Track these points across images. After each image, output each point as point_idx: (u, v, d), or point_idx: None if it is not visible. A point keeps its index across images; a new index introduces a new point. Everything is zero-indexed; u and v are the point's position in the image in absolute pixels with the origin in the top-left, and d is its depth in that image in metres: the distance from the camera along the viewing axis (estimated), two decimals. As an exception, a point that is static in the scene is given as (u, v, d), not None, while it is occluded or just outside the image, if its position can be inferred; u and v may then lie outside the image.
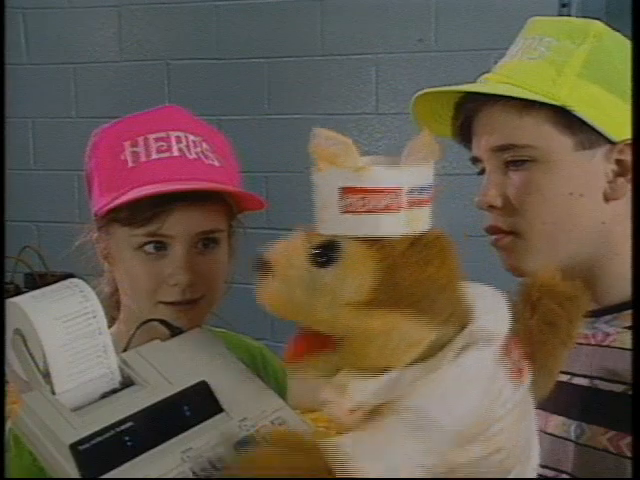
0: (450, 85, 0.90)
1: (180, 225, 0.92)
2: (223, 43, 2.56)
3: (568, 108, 0.84)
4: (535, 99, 0.84)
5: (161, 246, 0.93)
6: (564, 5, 2.24)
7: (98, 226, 0.98)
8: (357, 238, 0.65)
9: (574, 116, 0.84)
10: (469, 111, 0.90)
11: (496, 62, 0.92)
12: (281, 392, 0.79)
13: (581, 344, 0.89)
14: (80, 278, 0.75)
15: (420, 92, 0.91)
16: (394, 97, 2.43)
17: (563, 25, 0.90)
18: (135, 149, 0.94)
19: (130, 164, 0.94)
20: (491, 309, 0.70)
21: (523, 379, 0.70)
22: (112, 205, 0.92)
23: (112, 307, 1.01)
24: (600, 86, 0.85)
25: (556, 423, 0.89)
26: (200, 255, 0.94)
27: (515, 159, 0.86)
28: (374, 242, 0.64)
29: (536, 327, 0.73)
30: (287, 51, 2.50)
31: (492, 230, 0.90)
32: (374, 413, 0.65)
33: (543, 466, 0.89)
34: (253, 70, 2.54)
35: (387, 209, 0.63)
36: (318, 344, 0.67)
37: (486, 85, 0.89)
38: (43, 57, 2.73)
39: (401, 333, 0.64)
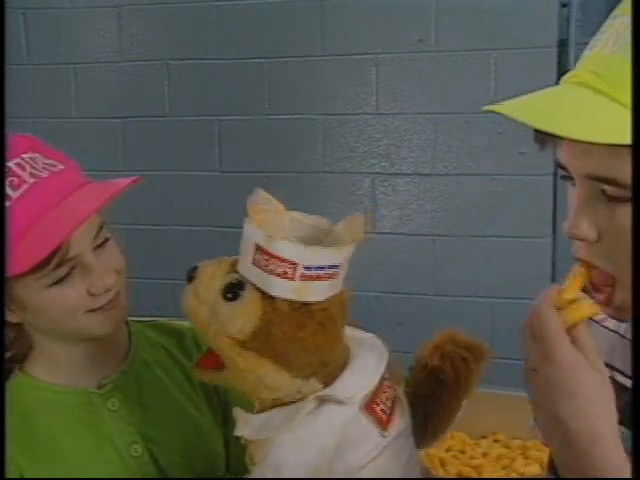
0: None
1: (76, 247, 0.93)
2: (223, 43, 2.56)
3: None
4: None
5: (69, 273, 0.94)
6: (564, 5, 2.24)
7: None
8: (257, 287, 0.77)
9: None
10: None
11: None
12: None
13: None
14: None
15: (495, 107, 0.71)
16: (394, 97, 2.43)
17: None
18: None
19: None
20: (360, 369, 0.82)
21: (390, 427, 0.81)
22: (13, 274, 0.89)
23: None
24: None
25: None
26: (99, 253, 0.97)
27: (617, 195, 0.70)
28: (269, 296, 0.77)
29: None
30: (287, 51, 2.50)
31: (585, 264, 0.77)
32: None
33: None
34: (253, 70, 2.54)
35: (282, 275, 0.76)
36: (220, 363, 0.82)
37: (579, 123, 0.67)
38: (43, 57, 2.73)
39: (259, 376, 0.79)
